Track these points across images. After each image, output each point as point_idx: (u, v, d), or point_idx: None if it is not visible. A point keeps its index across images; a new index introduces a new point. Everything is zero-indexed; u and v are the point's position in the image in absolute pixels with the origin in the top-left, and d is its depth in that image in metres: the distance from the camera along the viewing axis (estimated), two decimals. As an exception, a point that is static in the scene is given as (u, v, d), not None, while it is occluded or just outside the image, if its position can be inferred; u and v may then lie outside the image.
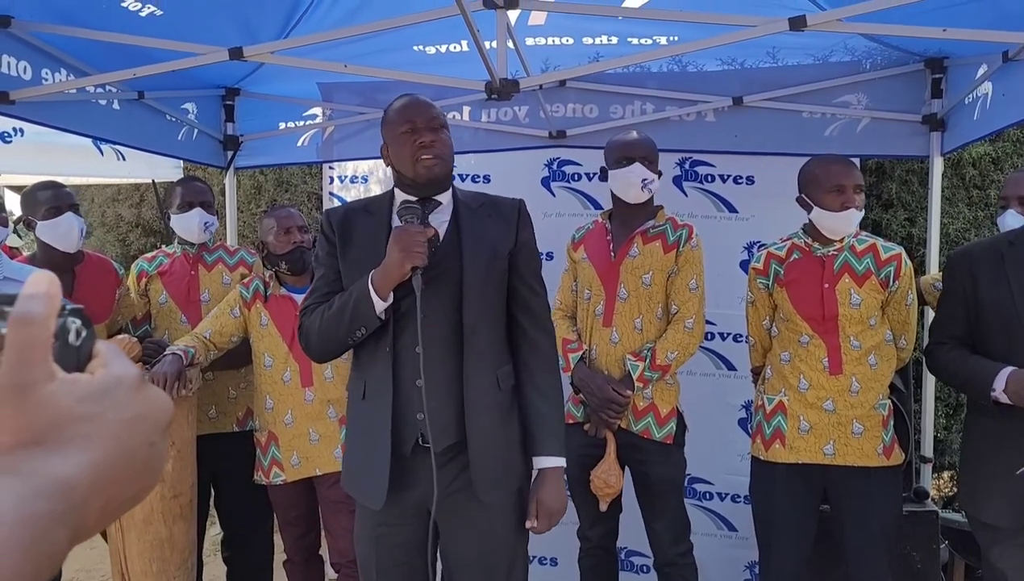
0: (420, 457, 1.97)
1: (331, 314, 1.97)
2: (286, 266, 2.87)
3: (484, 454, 1.98)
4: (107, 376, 0.49)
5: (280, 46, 2.72)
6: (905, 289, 2.53)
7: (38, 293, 0.46)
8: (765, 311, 2.69)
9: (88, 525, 0.45)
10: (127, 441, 0.47)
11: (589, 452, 2.71)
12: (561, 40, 3.37)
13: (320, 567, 3.16)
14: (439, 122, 2.01)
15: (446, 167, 2.02)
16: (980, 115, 2.97)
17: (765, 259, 2.66)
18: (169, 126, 3.57)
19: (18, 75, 2.65)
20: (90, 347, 0.51)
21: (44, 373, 0.45)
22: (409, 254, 1.85)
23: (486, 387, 2.00)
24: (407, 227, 1.91)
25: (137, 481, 0.49)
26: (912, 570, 2.95)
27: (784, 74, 3.45)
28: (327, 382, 2.85)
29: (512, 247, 2.05)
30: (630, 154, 2.69)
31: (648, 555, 3.17)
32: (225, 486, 3.17)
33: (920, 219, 4.10)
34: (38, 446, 0.44)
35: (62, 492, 0.43)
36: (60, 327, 0.48)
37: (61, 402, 0.45)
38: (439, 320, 1.95)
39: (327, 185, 4.14)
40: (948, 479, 4.77)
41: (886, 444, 2.53)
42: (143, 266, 3.18)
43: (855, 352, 2.50)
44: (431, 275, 1.92)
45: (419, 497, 1.99)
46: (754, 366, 2.82)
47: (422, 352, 1.91)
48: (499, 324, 2.05)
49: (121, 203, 6.44)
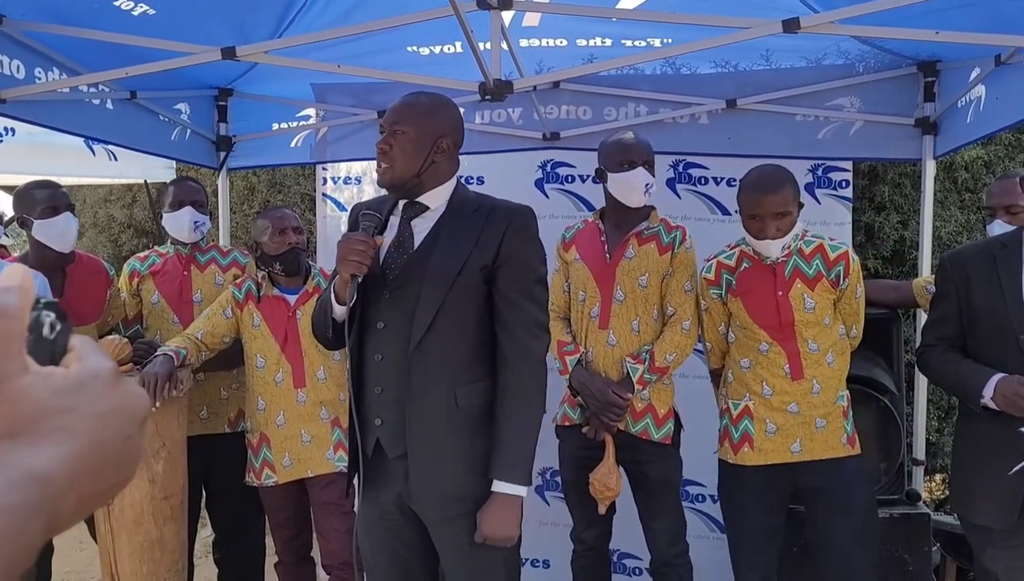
0: (385, 459, 2.01)
1: (316, 310, 2.10)
2: (280, 267, 2.86)
3: (424, 471, 1.94)
4: (82, 370, 0.49)
5: (273, 46, 2.71)
6: (854, 284, 2.55)
7: (11, 286, 0.46)
8: (720, 318, 2.69)
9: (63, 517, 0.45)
10: (102, 434, 0.47)
11: (585, 454, 2.71)
12: (555, 41, 3.37)
13: (312, 569, 3.14)
14: (398, 125, 1.95)
15: (396, 173, 1.94)
16: (973, 118, 2.98)
17: (716, 269, 2.66)
18: (162, 126, 3.56)
19: (11, 74, 2.64)
20: (65, 341, 0.51)
21: (18, 366, 0.45)
22: (343, 262, 1.88)
23: (435, 404, 1.93)
24: (349, 235, 1.95)
25: (113, 474, 0.48)
26: (904, 572, 2.96)
27: (777, 77, 3.46)
28: (320, 383, 2.84)
29: (491, 261, 1.94)
30: (633, 158, 2.66)
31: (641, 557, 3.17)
32: (216, 487, 3.15)
33: (912, 222, 4.11)
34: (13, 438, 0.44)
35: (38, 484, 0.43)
36: (34, 320, 0.48)
37: (36, 395, 0.45)
38: (396, 331, 1.95)
39: (320, 186, 4.12)
40: (940, 482, 4.78)
41: (849, 434, 2.56)
42: (135, 266, 3.17)
43: (814, 355, 2.52)
44: (397, 285, 1.95)
45: (395, 496, 2.01)
46: (713, 368, 2.81)
47: (380, 361, 1.96)
48: (462, 340, 1.95)
49: (113, 204, 6.42)
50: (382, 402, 1.96)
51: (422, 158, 1.95)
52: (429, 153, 1.95)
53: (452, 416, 1.94)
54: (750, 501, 2.60)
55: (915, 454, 3.34)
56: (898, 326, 3.09)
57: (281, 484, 2.87)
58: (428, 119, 1.97)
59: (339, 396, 2.87)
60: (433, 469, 1.94)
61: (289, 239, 2.85)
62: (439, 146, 1.97)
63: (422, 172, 1.96)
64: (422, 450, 1.94)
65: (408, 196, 2.01)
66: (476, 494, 1.93)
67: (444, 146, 1.98)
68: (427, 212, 2.01)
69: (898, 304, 3.04)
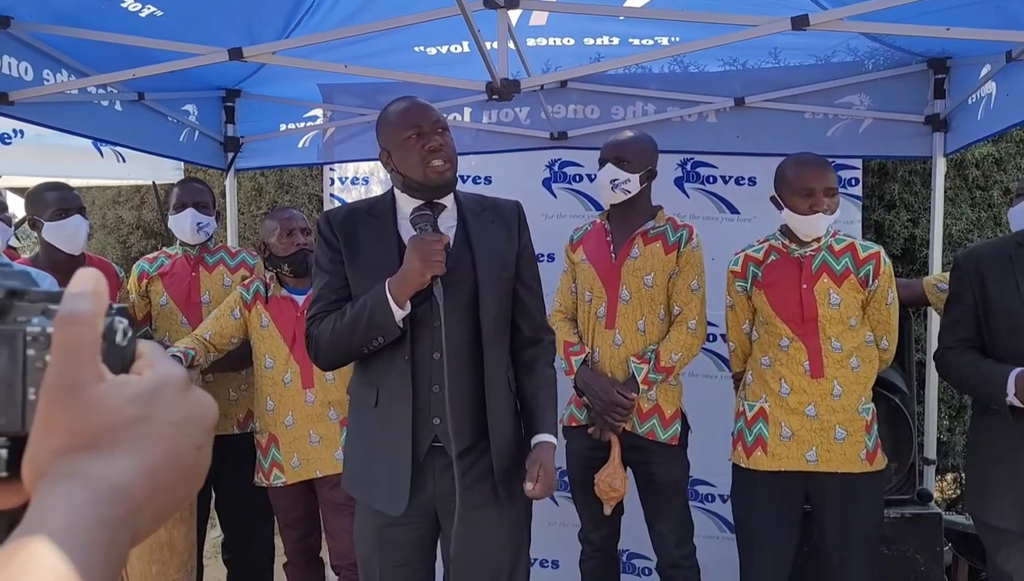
0: (429, 461, 2.01)
1: (344, 323, 1.95)
2: (288, 268, 2.86)
3: (503, 453, 2.04)
4: (155, 377, 0.48)
5: (280, 46, 2.71)
6: (885, 288, 2.50)
7: (85, 291, 0.45)
8: (744, 315, 2.67)
9: (144, 529, 0.44)
10: (177, 444, 0.47)
11: (592, 455, 2.70)
12: (562, 41, 3.36)
13: (321, 569, 3.14)
14: (443, 124, 2.02)
15: (455, 170, 2.03)
16: (983, 115, 2.96)
17: (743, 262, 2.64)
18: (170, 127, 3.56)
19: (19, 76, 2.64)
20: (134, 347, 0.50)
21: (94, 374, 0.44)
22: (429, 264, 1.87)
23: (503, 390, 2.06)
24: (424, 236, 1.91)
25: (185, 485, 0.48)
26: (916, 573, 2.94)
27: (786, 75, 3.44)
28: (328, 384, 2.84)
29: (517, 253, 2.10)
30: (604, 156, 2.71)
31: (650, 558, 3.15)
32: (225, 488, 3.15)
33: (923, 220, 4.09)
34: (92, 449, 0.43)
35: (122, 497, 0.42)
36: (108, 326, 0.47)
37: (112, 404, 0.44)
38: (457, 326, 1.97)
39: (328, 187, 4.12)
40: (951, 481, 4.75)
41: (869, 450, 2.49)
42: (144, 267, 3.18)
43: (836, 354, 2.47)
44: (446, 282, 1.93)
45: (426, 499, 2.02)
46: (735, 372, 2.79)
47: (444, 359, 1.95)
48: (508, 328, 2.10)
49: (122, 205, 6.43)
50: (441, 400, 1.94)
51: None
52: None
53: (509, 400, 2.09)
54: (762, 507, 2.57)
55: (926, 453, 3.31)
56: (909, 325, 3.07)
57: (290, 484, 2.86)
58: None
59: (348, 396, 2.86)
60: (508, 450, 2.06)
61: (297, 240, 2.85)
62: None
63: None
64: (501, 435, 2.04)
65: (445, 194, 2.05)
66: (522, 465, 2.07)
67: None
68: (445, 211, 2.06)
69: (909, 302, 3.01)
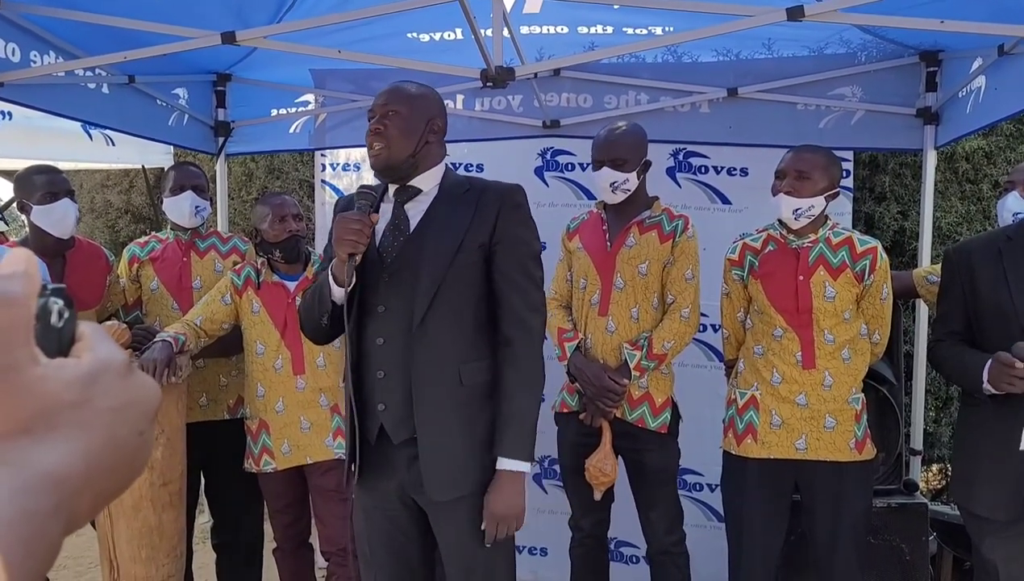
0: (387, 447, 1.99)
1: (308, 297, 2.04)
2: (280, 254, 2.85)
3: (435, 451, 1.93)
4: (94, 360, 0.45)
5: (273, 31, 2.69)
6: (880, 283, 2.52)
7: (16, 272, 0.43)
8: (739, 303, 2.69)
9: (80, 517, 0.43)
10: (117, 430, 0.45)
11: (584, 441, 2.71)
12: (556, 29, 3.35)
13: (310, 555, 3.15)
14: (393, 108, 1.95)
15: (394, 152, 1.94)
16: (973, 109, 2.97)
17: (740, 250, 2.66)
18: (160, 111, 3.54)
19: (6, 57, 2.61)
20: (72, 329, 0.47)
21: (27, 356, 0.42)
22: (340, 242, 1.85)
23: (441, 383, 1.93)
24: (344, 214, 1.91)
25: (126, 471, 0.46)
26: (901, 562, 2.97)
27: (779, 66, 3.45)
28: (319, 370, 2.84)
29: (487, 239, 1.95)
30: (599, 157, 2.70)
31: (638, 546, 3.17)
32: (215, 474, 3.15)
33: (913, 212, 4.11)
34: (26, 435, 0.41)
35: (55, 485, 0.40)
36: (41, 307, 0.45)
37: (48, 388, 0.42)
38: (398, 313, 1.94)
39: (319, 173, 4.11)
40: (937, 472, 4.79)
41: (858, 439, 2.52)
42: (135, 251, 3.16)
43: (829, 346, 2.49)
44: (395, 267, 1.94)
45: (397, 486, 2.01)
46: (728, 359, 2.81)
47: (382, 344, 1.94)
48: (463, 319, 1.95)
49: (110, 189, 6.39)
50: (385, 387, 1.95)
51: (416, 138, 1.96)
52: (423, 133, 1.97)
53: (457, 395, 1.94)
54: (751, 493, 2.59)
55: (913, 444, 3.34)
56: (897, 316, 3.07)
57: (280, 470, 2.86)
58: (420, 100, 2.00)
59: (338, 383, 2.86)
60: (441, 449, 1.94)
61: (289, 226, 2.83)
62: (432, 126, 1.99)
63: (417, 152, 1.96)
64: (431, 430, 1.93)
65: (401, 180, 2.01)
66: (480, 476, 1.94)
67: (436, 127, 2.01)
68: (420, 195, 2.01)
69: (898, 294, 3.02)
